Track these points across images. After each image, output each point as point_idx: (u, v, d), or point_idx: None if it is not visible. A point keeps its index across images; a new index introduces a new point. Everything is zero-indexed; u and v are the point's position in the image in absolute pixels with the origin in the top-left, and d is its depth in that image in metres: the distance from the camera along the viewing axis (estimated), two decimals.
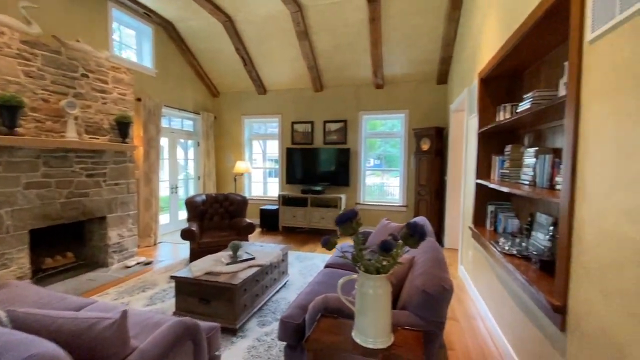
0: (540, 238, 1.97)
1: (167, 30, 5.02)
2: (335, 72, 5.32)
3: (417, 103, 5.32)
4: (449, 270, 3.69)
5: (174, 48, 5.29)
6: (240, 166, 5.64)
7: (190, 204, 3.87)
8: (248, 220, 3.87)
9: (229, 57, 5.31)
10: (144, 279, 3.29)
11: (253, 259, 2.65)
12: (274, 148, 6.23)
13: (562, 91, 1.58)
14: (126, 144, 3.74)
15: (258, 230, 5.60)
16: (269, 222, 5.55)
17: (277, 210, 5.49)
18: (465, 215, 3.40)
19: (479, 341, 2.24)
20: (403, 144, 5.47)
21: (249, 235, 3.91)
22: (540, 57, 2.11)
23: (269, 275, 2.78)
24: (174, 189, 5.43)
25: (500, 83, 2.71)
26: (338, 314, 1.51)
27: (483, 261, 2.67)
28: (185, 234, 3.48)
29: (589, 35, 1.19)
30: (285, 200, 5.45)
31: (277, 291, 2.95)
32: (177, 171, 5.59)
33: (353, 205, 5.64)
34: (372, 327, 1.24)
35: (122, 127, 3.67)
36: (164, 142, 5.21)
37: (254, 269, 2.49)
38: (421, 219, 2.84)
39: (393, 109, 5.43)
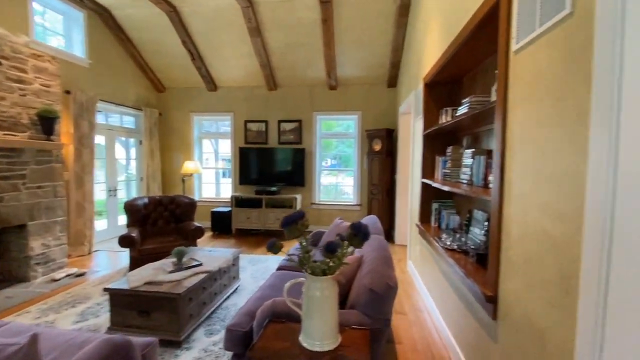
0: (477, 233, 2.12)
1: (102, 17, 4.56)
2: (289, 71, 5.27)
3: (369, 105, 5.48)
4: (399, 266, 3.87)
5: (112, 37, 4.83)
6: (188, 166, 5.33)
7: (130, 207, 3.55)
8: (197, 224, 3.66)
9: (175, 51, 4.99)
10: (74, 293, 2.94)
11: (200, 265, 2.51)
12: (227, 147, 5.99)
13: (493, 97, 1.71)
14: (51, 141, 3.32)
15: (209, 234, 5.34)
16: (221, 225, 5.32)
17: (229, 213, 5.28)
18: (412, 212, 3.56)
19: (425, 333, 2.35)
20: (357, 144, 5.60)
21: (198, 240, 3.70)
22: (477, 64, 2.28)
23: (218, 281, 2.65)
24: (112, 191, 4.96)
25: (442, 88, 2.88)
26: (287, 319, 1.47)
27: (428, 256, 2.82)
28: (124, 241, 3.18)
29: (514, 46, 1.29)
30: (238, 202, 5.27)
31: (228, 297, 2.82)
32: (116, 172, 5.12)
33: (308, 205, 5.64)
34: (318, 330, 1.22)
35: (46, 123, 3.24)
36: (99, 140, 4.73)
37: (201, 276, 2.35)
38: (371, 218, 2.91)
39: (347, 110, 5.53)
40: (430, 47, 2.90)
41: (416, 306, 2.81)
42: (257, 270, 3.61)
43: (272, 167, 5.51)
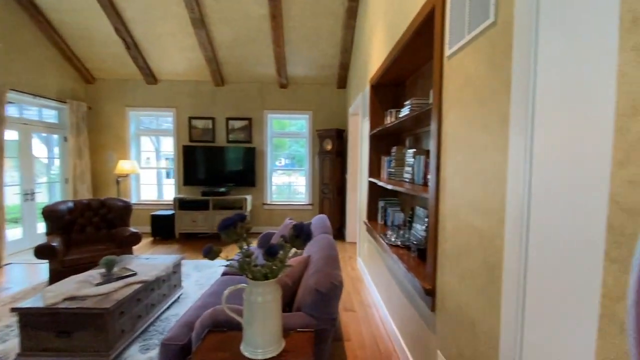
0: (419, 229, 2.23)
1: None
2: (237, 66, 5.08)
3: (320, 105, 5.51)
4: (350, 263, 3.95)
5: (27, 19, 4.20)
6: (124, 166, 4.86)
7: (50, 213, 3.11)
8: (132, 230, 3.34)
9: (107, 38, 4.51)
10: None
11: (134, 274, 2.28)
12: (170, 146, 5.57)
13: (431, 99, 1.81)
14: None
15: (149, 240, 4.93)
16: (163, 229, 4.94)
17: (172, 216, 4.92)
18: (361, 210, 3.66)
19: (373, 328, 2.42)
20: (308, 144, 5.59)
21: (134, 247, 3.38)
22: (418, 68, 2.39)
23: (156, 291, 2.44)
24: (29, 195, 4.32)
25: (388, 90, 2.99)
26: (229, 328, 1.39)
27: (376, 253, 2.91)
28: (41, 251, 2.78)
29: (447, 51, 1.36)
30: (182, 204, 4.93)
31: (168, 307, 2.61)
32: (34, 173, 4.47)
33: (260, 205, 5.50)
34: (261, 337, 1.17)
35: None
36: (11, 135, 4.08)
37: (135, 287, 2.14)
38: (321, 217, 2.92)
39: (298, 110, 5.50)
40: (375, 50, 2.99)
41: (365, 302, 2.88)
42: (203, 276, 3.41)
43: (220, 167, 5.26)
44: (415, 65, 2.34)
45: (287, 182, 6.12)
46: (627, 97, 1.05)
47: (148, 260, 2.71)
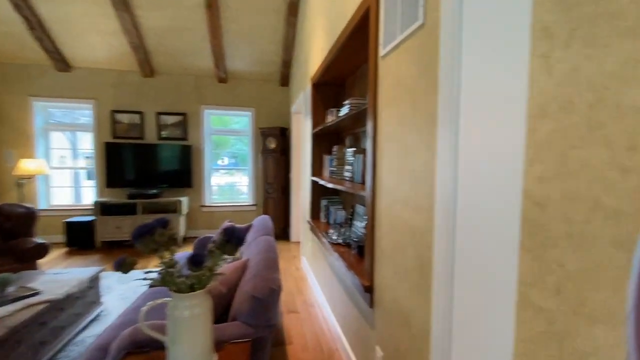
0: (359, 226, 2.26)
1: None
2: (170, 57, 4.67)
3: (263, 102, 5.35)
4: (294, 263, 3.90)
5: None
6: (27, 166, 4.14)
7: None
8: (38, 240, 2.84)
9: (5, 15, 3.78)
10: None
11: (36, 293, 1.92)
12: (90, 143, 4.90)
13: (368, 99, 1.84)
14: None
15: (62, 250, 4.27)
16: (81, 238, 4.32)
17: (92, 222, 4.34)
18: (305, 210, 3.63)
19: (316, 329, 2.40)
20: (251, 142, 5.40)
21: (40, 261, 2.89)
22: (358, 67, 2.43)
23: (67, 310, 2.10)
24: None
25: (329, 89, 3.00)
26: (153, 347, 1.23)
27: (319, 251, 2.90)
28: None
29: (381, 51, 1.38)
30: (105, 209, 4.37)
31: (84, 328, 2.27)
32: None
33: (197, 208, 5.15)
34: (188, 355, 1.05)
35: None
36: None
37: (37, 308, 1.80)
38: (263, 218, 2.81)
39: (239, 106, 5.27)
40: (316, 48, 2.97)
41: (308, 302, 2.86)
42: (129, 289, 3.05)
43: (151, 167, 4.78)
44: (354, 65, 2.37)
45: (231, 182, 5.83)
46: (537, 100, 1.17)
47: (57, 275, 2.32)
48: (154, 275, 1.02)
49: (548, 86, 1.07)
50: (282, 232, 5.05)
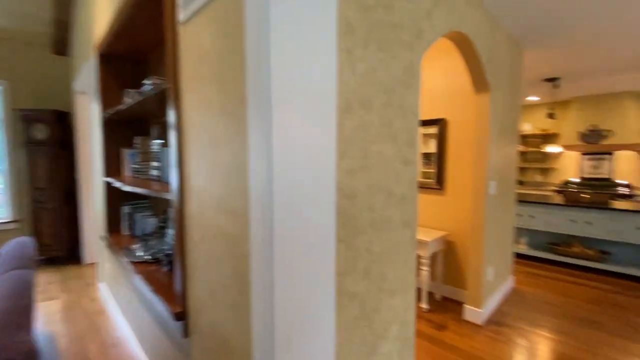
0: (172, 235, 1.87)
1: None
2: None
3: (22, 73, 3.73)
4: (88, 293, 2.93)
5: None
6: None
7: None
8: None
9: None
10: None
11: None
12: None
13: None
14: None
15: None
16: None
17: None
18: (99, 221, 2.77)
19: None
20: (2, 129, 3.66)
21: None
22: (162, 38, 1.97)
23: None
24: None
25: (125, 64, 2.35)
26: None
27: (120, 274, 2.25)
28: None
29: (181, 15, 1.09)
30: None
31: None
32: None
33: None
34: None
35: None
36: None
37: None
38: (19, 241, 1.90)
39: None
40: (101, 6, 2.25)
41: (108, 343, 2.17)
42: None
43: None
44: (156, 33, 1.91)
45: None
46: (344, 95, 1.21)
47: None
48: None
49: (352, 82, 1.12)
50: (70, 253, 3.76)
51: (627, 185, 4.97)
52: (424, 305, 2.69)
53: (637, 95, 5.10)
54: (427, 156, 3.07)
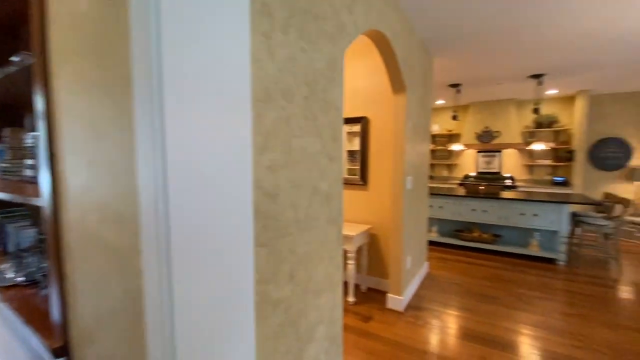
0: None
1: None
2: None
3: None
4: None
5: None
6: None
7: None
8: None
9: None
10: None
11: None
12: None
13: None
14: None
15: None
16: None
17: None
18: None
19: None
20: None
21: None
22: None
23: None
24: None
25: None
26: None
27: None
28: None
29: None
30: None
31: None
32: None
33: None
34: None
35: None
36: None
37: None
38: None
39: None
40: None
41: None
42: None
43: None
44: None
45: None
46: (261, 83, 1.11)
47: None
48: None
49: (271, 69, 1.02)
50: None
51: (511, 178, 5.95)
52: (351, 299, 2.76)
53: (517, 102, 6.13)
54: (352, 153, 3.16)
